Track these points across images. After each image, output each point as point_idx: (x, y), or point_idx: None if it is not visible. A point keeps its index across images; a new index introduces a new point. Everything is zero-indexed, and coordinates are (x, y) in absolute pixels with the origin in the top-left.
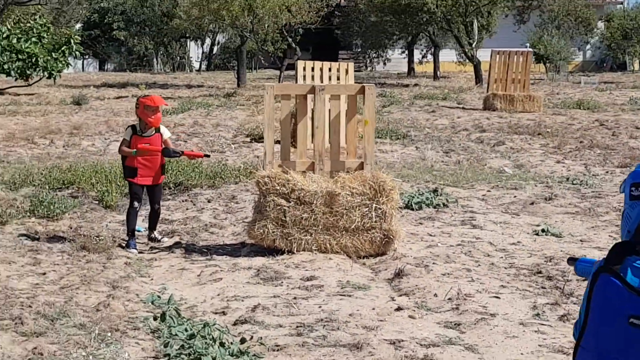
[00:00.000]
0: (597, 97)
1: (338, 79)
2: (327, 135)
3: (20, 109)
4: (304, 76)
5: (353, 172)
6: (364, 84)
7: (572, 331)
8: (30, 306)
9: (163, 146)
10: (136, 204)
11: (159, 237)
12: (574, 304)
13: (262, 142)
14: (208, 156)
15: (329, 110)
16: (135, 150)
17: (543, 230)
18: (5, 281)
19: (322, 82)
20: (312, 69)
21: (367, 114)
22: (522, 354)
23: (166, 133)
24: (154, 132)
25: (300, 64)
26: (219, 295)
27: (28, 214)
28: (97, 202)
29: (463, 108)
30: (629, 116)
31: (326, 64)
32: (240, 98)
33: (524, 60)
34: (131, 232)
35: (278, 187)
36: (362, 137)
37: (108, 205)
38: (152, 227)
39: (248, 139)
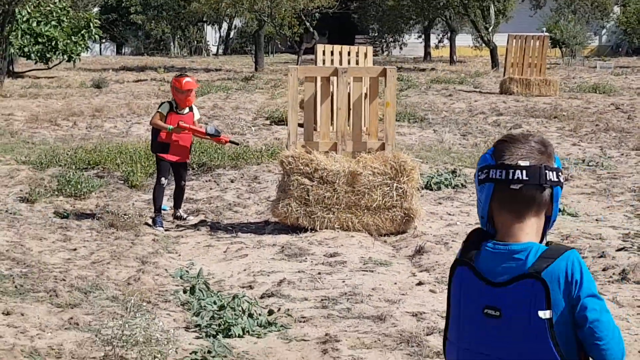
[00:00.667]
0: (613, 82)
1: (357, 62)
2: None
3: (41, 91)
4: (324, 60)
5: (374, 153)
6: (386, 67)
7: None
8: (63, 279)
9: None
10: (163, 180)
11: (184, 215)
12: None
13: (282, 124)
14: (237, 144)
15: (351, 92)
16: (171, 126)
17: (560, 210)
18: (38, 256)
19: (341, 65)
20: (332, 52)
21: (389, 96)
22: None
23: (197, 114)
24: (187, 110)
25: (319, 47)
26: (245, 270)
27: (56, 192)
28: (122, 181)
29: (480, 92)
30: None
31: (345, 48)
32: (259, 82)
33: (541, 45)
34: (158, 209)
35: (301, 167)
36: (383, 118)
37: (133, 185)
38: (177, 205)
39: (268, 122)
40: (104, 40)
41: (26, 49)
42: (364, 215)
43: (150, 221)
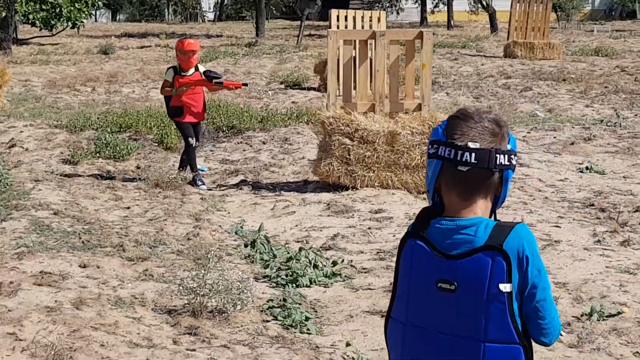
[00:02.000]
0: (613, 45)
1: (370, 27)
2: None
3: (50, 58)
4: (338, 25)
5: (411, 113)
6: (422, 30)
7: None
8: (126, 235)
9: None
10: (191, 140)
11: (188, 175)
12: (630, 232)
13: (297, 88)
14: (246, 85)
15: (388, 54)
16: (175, 89)
17: (587, 168)
18: (95, 214)
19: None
20: (345, 18)
21: (425, 58)
22: (591, 274)
23: (202, 69)
24: (192, 71)
25: (334, 13)
26: (296, 226)
27: (96, 155)
28: (156, 144)
29: (484, 56)
30: None
31: (359, 13)
32: (264, 47)
33: (544, 9)
34: (194, 169)
35: (342, 127)
36: (420, 79)
37: (168, 147)
38: (182, 166)
39: (282, 86)
40: (99, 7)
41: (30, 16)
42: (403, 174)
43: (191, 181)
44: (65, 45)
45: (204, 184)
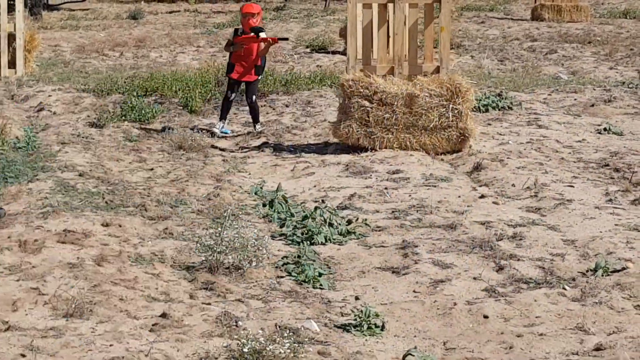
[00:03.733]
0: None
1: None
2: (405, 41)
3: (79, 23)
4: None
5: (430, 76)
6: None
7: None
8: (148, 195)
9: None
10: (229, 93)
11: (257, 129)
12: None
13: (322, 52)
14: (286, 39)
15: (407, 18)
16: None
17: (605, 129)
18: (119, 175)
19: None
20: None
21: (443, 21)
22: (600, 231)
23: (262, 34)
24: (250, 33)
25: None
26: (315, 186)
27: (122, 118)
28: (181, 107)
29: (511, 19)
30: None
31: None
32: (291, 11)
33: None
34: (221, 117)
35: (361, 90)
36: (438, 42)
37: (193, 110)
38: (254, 121)
39: (308, 50)
40: None
41: None
42: (422, 135)
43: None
44: (95, 10)
45: (219, 129)
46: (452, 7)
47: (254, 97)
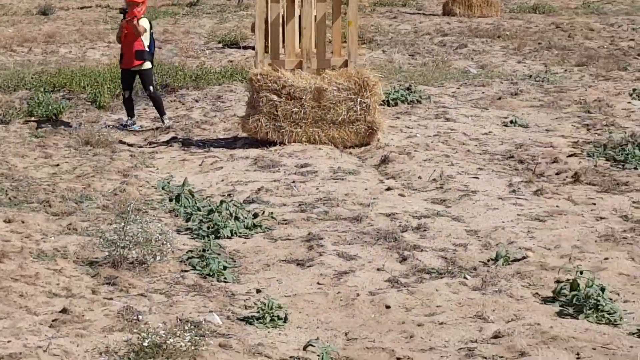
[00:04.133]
0: (551, 2)
1: None
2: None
3: None
4: None
5: (338, 70)
6: None
7: None
8: (53, 191)
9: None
10: (124, 92)
11: (166, 122)
12: (545, 182)
13: (234, 47)
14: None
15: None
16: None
17: (511, 122)
18: (24, 171)
19: None
20: None
21: (351, 15)
22: (503, 221)
23: (143, 23)
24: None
25: None
26: (222, 180)
27: (28, 114)
28: (89, 103)
29: (423, 14)
30: (582, 19)
31: None
32: (205, 7)
33: None
34: (129, 115)
35: (270, 84)
36: (346, 37)
37: (101, 106)
38: (159, 114)
39: (220, 45)
40: None
41: None
42: (330, 129)
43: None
44: (4, 6)
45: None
46: (359, 2)
47: (151, 87)
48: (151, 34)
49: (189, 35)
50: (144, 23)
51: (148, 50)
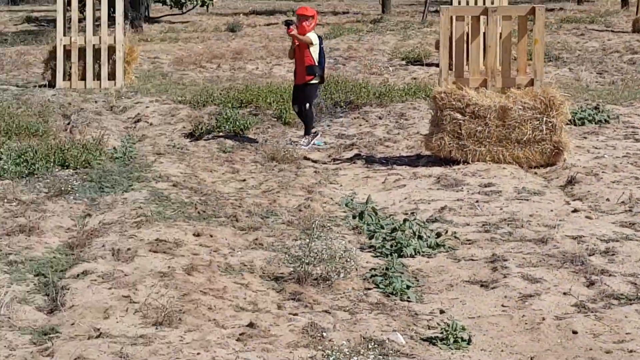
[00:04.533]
0: None
1: (492, 2)
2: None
3: (179, 36)
4: (459, 1)
5: (523, 88)
6: (534, 5)
7: None
8: (240, 206)
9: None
10: (293, 106)
11: (302, 140)
12: None
13: (418, 64)
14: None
15: (500, 30)
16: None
17: None
18: (212, 186)
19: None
20: None
21: (537, 34)
22: None
23: (313, 39)
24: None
25: None
26: (405, 199)
27: (216, 129)
28: (275, 119)
29: (612, 31)
30: None
31: None
32: (388, 24)
33: None
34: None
35: (454, 102)
36: (532, 55)
37: (287, 122)
38: (305, 131)
39: (404, 62)
40: None
41: None
42: (515, 148)
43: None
44: (194, 23)
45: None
46: (545, 19)
47: (307, 104)
48: (321, 49)
49: (372, 52)
50: (312, 37)
51: (318, 64)
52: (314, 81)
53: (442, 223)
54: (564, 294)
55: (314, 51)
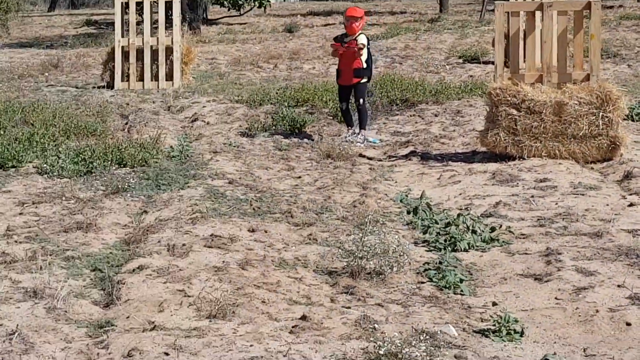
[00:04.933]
0: None
1: None
2: (554, 49)
3: (236, 37)
4: None
5: (579, 84)
6: (590, 0)
7: None
8: (295, 202)
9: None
10: (340, 104)
11: (357, 138)
12: None
13: (475, 62)
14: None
15: (556, 25)
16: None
17: None
18: (268, 183)
19: None
20: None
21: (593, 29)
22: None
23: (361, 40)
24: (351, 38)
25: None
26: (460, 194)
27: (272, 128)
28: (330, 117)
29: None
30: None
31: None
32: (446, 22)
33: None
34: (348, 125)
35: (509, 98)
36: (588, 50)
37: (342, 121)
38: (359, 125)
39: (461, 60)
40: None
41: None
42: (571, 144)
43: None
44: (252, 24)
45: (349, 138)
46: (603, 15)
47: (361, 100)
48: (368, 49)
49: (429, 50)
50: (361, 39)
51: (366, 66)
52: (363, 80)
53: (496, 218)
54: (618, 286)
55: (364, 53)
